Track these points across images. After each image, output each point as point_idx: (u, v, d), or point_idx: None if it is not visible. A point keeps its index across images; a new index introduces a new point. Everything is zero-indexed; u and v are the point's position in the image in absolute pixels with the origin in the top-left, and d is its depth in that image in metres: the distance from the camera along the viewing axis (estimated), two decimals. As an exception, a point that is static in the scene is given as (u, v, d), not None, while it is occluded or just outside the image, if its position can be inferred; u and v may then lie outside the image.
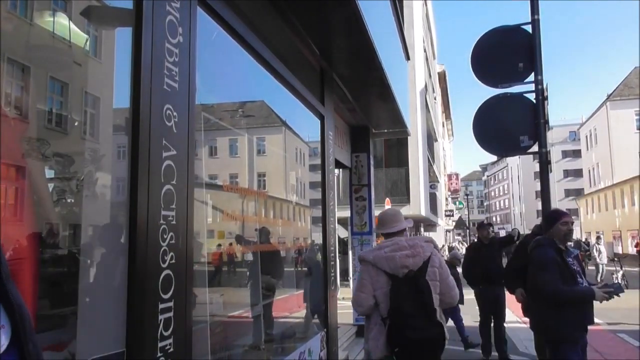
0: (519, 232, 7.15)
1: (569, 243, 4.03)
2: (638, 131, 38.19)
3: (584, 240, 31.30)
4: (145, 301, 1.78)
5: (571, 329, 3.61)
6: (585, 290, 3.61)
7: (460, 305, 6.61)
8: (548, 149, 4.88)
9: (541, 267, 3.65)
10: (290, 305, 5.00)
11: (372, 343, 3.13)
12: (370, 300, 3.14)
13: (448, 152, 50.56)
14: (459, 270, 7.74)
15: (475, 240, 7.47)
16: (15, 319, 0.94)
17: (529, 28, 4.97)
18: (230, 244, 3.60)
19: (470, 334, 7.35)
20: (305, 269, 5.53)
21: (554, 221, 3.84)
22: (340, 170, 8.35)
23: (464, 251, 32.04)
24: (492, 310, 6.80)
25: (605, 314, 8.89)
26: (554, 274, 3.57)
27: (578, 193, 51.96)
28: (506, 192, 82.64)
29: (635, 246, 26.37)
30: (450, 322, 7.07)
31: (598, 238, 20.25)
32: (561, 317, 3.60)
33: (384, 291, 3.09)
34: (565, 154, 59.95)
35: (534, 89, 4.88)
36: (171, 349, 1.91)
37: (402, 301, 2.98)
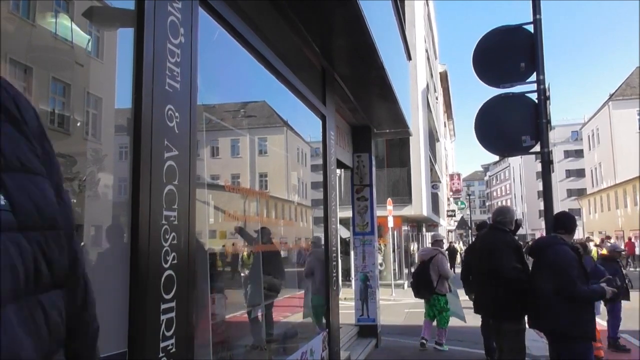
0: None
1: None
2: (640, 131, 38.11)
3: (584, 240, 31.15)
4: (147, 301, 1.78)
5: (593, 326, 3.77)
6: (599, 288, 3.83)
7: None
8: (550, 149, 4.87)
9: (570, 266, 3.75)
10: (293, 306, 5.00)
11: None
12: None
13: (450, 152, 50.51)
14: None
15: (474, 240, 7.47)
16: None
17: (530, 28, 4.96)
18: (233, 244, 3.60)
19: (474, 335, 7.34)
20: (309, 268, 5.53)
21: (575, 226, 4.13)
22: (342, 170, 8.36)
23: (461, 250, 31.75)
24: None
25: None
26: (577, 273, 3.74)
27: (580, 193, 51.82)
28: (508, 192, 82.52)
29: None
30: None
31: (608, 237, 20.24)
32: (587, 315, 3.76)
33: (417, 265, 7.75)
34: (568, 153, 59.77)
35: (535, 88, 4.87)
36: (173, 349, 1.91)
37: (418, 269, 7.49)
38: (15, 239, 0.55)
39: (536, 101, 4.86)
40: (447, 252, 24.91)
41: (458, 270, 25.19)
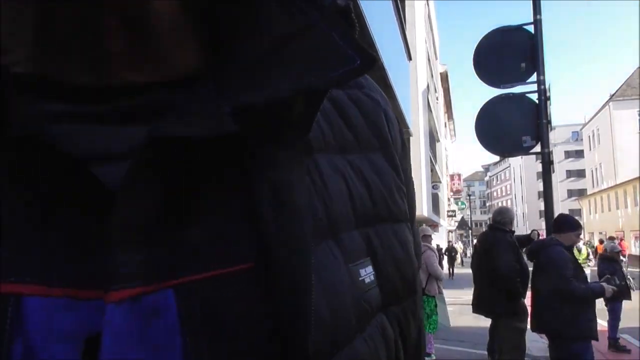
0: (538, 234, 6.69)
1: None
2: (641, 131, 38.15)
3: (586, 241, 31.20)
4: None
5: (593, 325, 3.76)
6: (598, 287, 3.86)
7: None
8: (550, 149, 4.89)
9: (563, 265, 3.74)
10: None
11: None
12: None
13: (450, 152, 50.56)
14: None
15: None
16: None
17: (531, 28, 4.97)
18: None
19: (475, 335, 7.34)
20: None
21: (571, 228, 3.97)
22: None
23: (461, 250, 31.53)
24: None
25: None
26: (571, 273, 3.73)
27: (581, 193, 51.88)
28: (509, 192, 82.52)
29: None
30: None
31: (611, 239, 20.26)
32: (584, 315, 3.74)
33: None
34: (568, 154, 59.76)
35: (536, 89, 4.88)
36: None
37: None
38: (380, 324, 0.38)
39: (536, 101, 4.87)
40: (444, 251, 25.04)
41: (457, 270, 25.32)
